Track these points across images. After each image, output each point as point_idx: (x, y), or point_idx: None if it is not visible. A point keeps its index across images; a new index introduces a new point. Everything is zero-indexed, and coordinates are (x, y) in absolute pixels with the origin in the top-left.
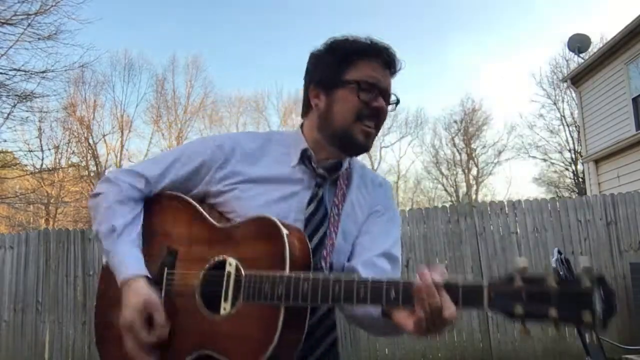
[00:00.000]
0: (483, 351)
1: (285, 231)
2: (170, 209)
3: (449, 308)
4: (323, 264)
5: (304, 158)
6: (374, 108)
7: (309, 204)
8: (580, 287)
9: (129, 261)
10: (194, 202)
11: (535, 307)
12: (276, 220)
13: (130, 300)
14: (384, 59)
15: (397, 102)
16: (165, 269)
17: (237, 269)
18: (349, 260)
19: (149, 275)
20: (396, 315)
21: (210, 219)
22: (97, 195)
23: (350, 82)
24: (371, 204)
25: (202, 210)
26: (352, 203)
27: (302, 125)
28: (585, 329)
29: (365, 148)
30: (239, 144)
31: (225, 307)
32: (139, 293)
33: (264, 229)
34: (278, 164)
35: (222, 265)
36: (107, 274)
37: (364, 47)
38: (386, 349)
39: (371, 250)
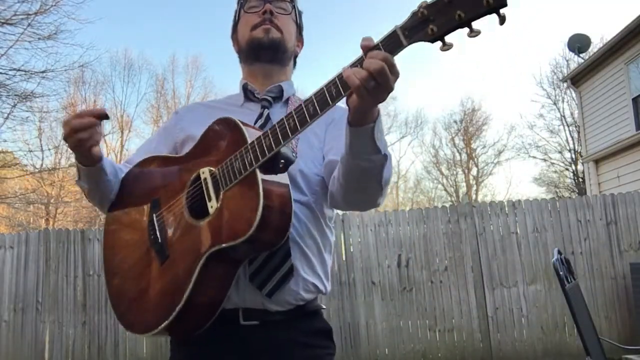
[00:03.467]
0: (483, 351)
1: (237, 120)
2: (141, 173)
3: (374, 62)
4: None
5: (247, 92)
6: (263, 13)
7: (255, 122)
8: None
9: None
10: (155, 154)
11: (443, 19)
12: (226, 116)
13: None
14: None
15: (297, 16)
16: (154, 215)
17: (211, 172)
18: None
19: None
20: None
21: (175, 155)
22: None
23: (239, 7)
24: (325, 118)
25: (166, 154)
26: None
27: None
28: (491, 10)
29: (270, 42)
30: (195, 104)
31: (212, 205)
32: None
33: (219, 128)
34: (227, 106)
35: (198, 179)
36: (106, 235)
37: None
38: (386, 349)
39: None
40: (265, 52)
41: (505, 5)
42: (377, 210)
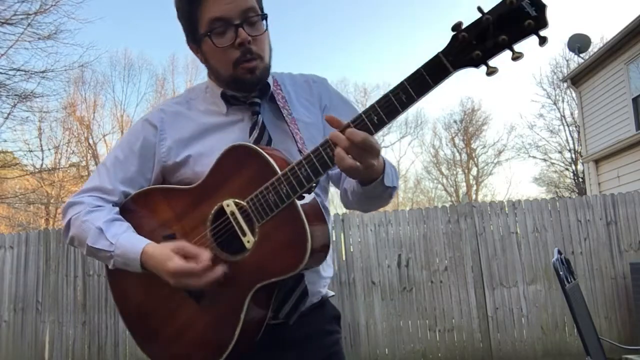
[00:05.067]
0: (483, 351)
1: (257, 147)
2: (142, 208)
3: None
4: None
5: (229, 99)
6: (239, 45)
7: (250, 133)
8: (507, 3)
9: (132, 241)
10: (157, 186)
11: (487, 44)
12: (243, 142)
13: (162, 260)
14: None
15: (264, 16)
16: None
17: (237, 204)
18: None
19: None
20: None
21: (182, 187)
22: (68, 225)
23: (204, 34)
24: (319, 102)
25: (168, 185)
26: (301, 111)
27: (208, 74)
28: (532, 31)
29: (258, 80)
30: (164, 110)
31: (249, 240)
32: (162, 249)
33: (238, 156)
34: (211, 115)
35: (221, 213)
36: (116, 279)
37: None
38: (386, 349)
39: None
40: (251, 89)
41: (546, 26)
42: (377, 210)
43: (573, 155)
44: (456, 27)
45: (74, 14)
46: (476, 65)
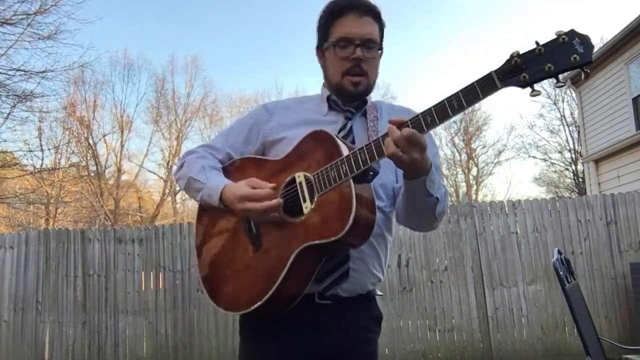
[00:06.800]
0: (483, 351)
1: (332, 134)
2: (237, 170)
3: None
4: None
5: (331, 103)
6: (353, 60)
7: (339, 132)
8: (560, 40)
9: (219, 179)
10: (251, 155)
11: (535, 69)
12: (323, 129)
13: (236, 188)
14: (357, 10)
15: (381, 47)
16: None
17: (306, 177)
18: (397, 181)
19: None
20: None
21: (270, 158)
22: (181, 164)
23: (329, 44)
24: None
25: (259, 156)
26: (384, 130)
27: (324, 81)
28: (576, 65)
29: (357, 94)
30: (279, 102)
31: (307, 206)
32: (237, 183)
33: (317, 138)
34: (314, 113)
35: (292, 182)
36: (204, 216)
37: (338, 6)
38: (386, 349)
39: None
40: (351, 99)
41: (590, 62)
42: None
43: (573, 155)
44: (513, 54)
45: (74, 14)
46: (522, 87)
